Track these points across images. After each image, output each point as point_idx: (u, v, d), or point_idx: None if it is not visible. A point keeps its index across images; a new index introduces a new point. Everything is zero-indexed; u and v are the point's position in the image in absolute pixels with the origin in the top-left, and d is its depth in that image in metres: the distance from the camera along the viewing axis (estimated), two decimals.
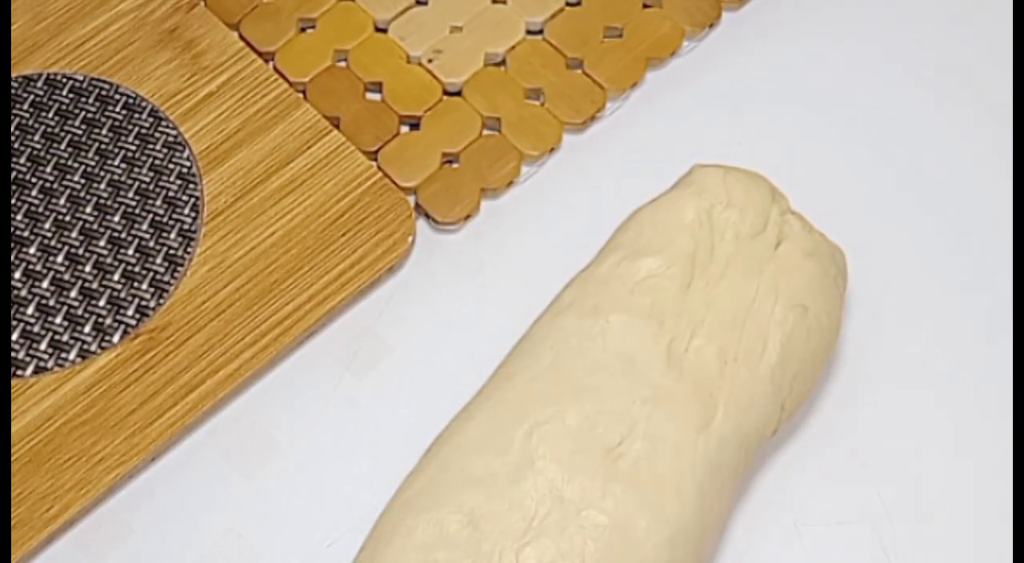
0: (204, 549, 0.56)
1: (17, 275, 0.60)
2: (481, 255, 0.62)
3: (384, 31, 0.67)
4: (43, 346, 0.59)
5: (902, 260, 0.62)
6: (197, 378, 0.58)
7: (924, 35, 0.68)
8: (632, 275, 0.54)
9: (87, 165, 0.63)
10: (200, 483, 0.57)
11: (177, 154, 0.63)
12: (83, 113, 0.64)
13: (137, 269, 0.60)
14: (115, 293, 0.60)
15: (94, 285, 0.60)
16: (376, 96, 0.65)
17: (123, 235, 0.61)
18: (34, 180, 0.62)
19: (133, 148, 0.63)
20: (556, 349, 0.54)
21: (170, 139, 0.63)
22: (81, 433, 0.57)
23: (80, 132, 0.63)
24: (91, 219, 0.61)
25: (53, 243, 0.61)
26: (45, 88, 0.64)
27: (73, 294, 0.60)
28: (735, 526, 0.56)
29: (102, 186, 0.62)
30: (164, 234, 0.61)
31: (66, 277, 0.60)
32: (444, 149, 0.64)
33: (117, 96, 0.64)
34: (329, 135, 0.63)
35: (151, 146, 0.63)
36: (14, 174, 0.62)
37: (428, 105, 0.65)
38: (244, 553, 0.56)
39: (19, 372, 0.58)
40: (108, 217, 0.61)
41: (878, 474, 0.58)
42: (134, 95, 0.64)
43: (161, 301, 0.60)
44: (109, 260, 0.61)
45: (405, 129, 0.65)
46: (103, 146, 0.63)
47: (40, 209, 0.62)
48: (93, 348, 0.59)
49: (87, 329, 0.59)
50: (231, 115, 0.64)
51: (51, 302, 0.60)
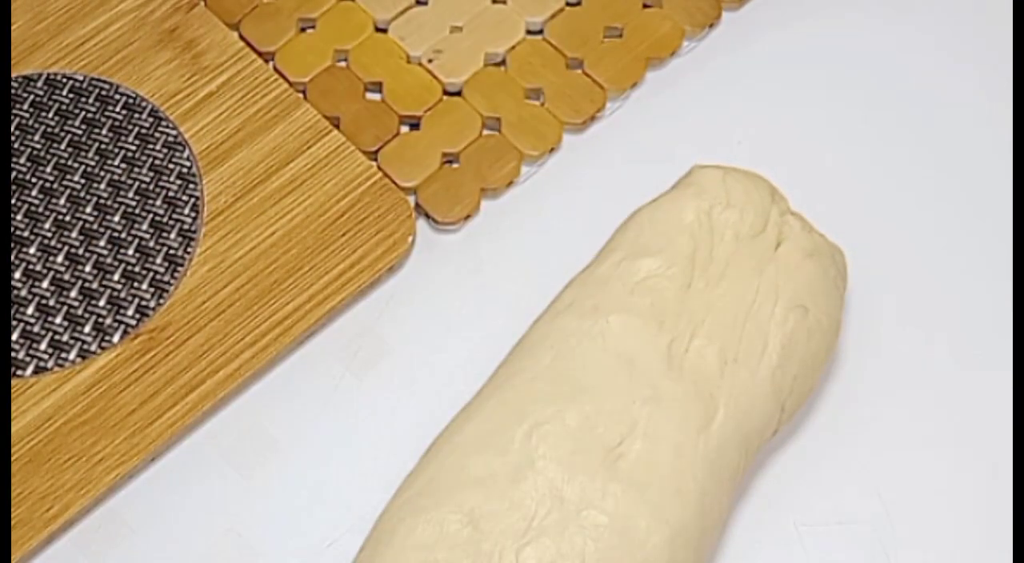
0: (204, 549, 0.56)
1: (17, 275, 0.60)
2: (481, 255, 0.62)
3: (384, 31, 0.67)
4: (43, 346, 0.59)
5: (902, 260, 0.62)
6: (197, 378, 0.58)
7: (924, 36, 0.68)
8: (632, 275, 0.54)
9: (87, 165, 0.63)
10: (200, 483, 0.57)
11: (177, 154, 0.63)
12: (83, 113, 0.64)
13: (137, 269, 0.60)
14: (115, 293, 0.60)
15: (94, 285, 0.60)
16: (376, 96, 0.65)
17: (123, 235, 0.61)
18: (34, 180, 0.62)
19: (133, 148, 0.63)
20: (556, 349, 0.54)
21: (170, 139, 0.63)
22: (81, 433, 0.57)
23: (80, 132, 0.63)
24: (91, 219, 0.61)
25: (53, 243, 0.61)
26: (45, 88, 0.64)
27: (73, 294, 0.60)
28: (735, 526, 0.56)
29: (102, 186, 0.62)
30: (164, 234, 0.61)
31: (66, 277, 0.60)
32: (444, 149, 0.64)
33: (117, 96, 0.64)
34: (329, 135, 0.63)
35: (151, 146, 0.63)
36: (14, 174, 0.62)
37: (428, 105, 0.65)
38: (244, 553, 0.56)
39: (19, 372, 0.58)
40: (108, 217, 0.61)
41: (878, 474, 0.58)
42: (134, 95, 0.64)
43: (161, 301, 0.60)
44: (109, 260, 0.61)
45: (405, 129, 0.65)
46: (103, 146, 0.63)
47: (40, 209, 0.62)
48: (93, 348, 0.59)
49: (87, 329, 0.59)
50: (231, 115, 0.64)
51: (51, 302, 0.60)
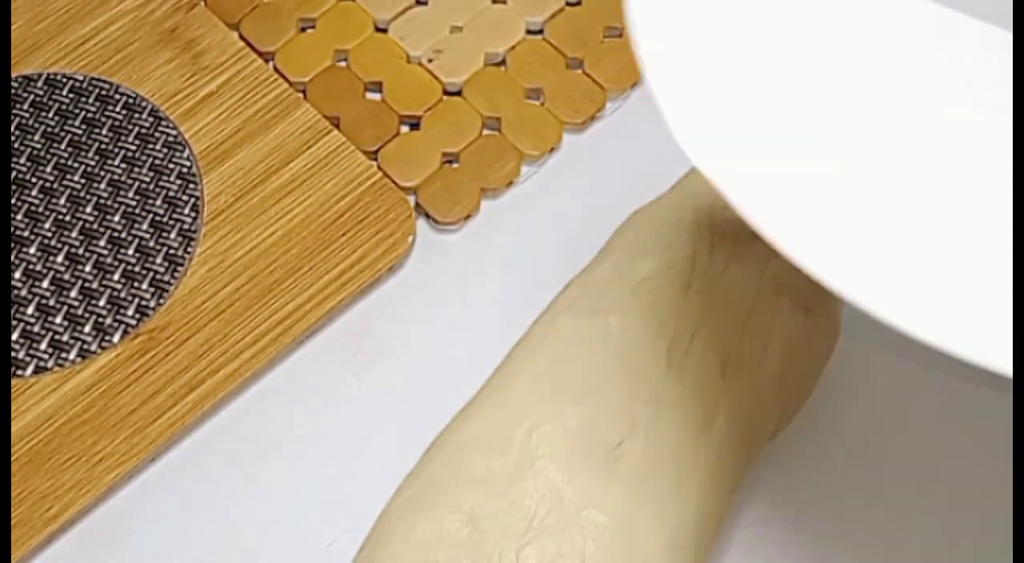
0: (204, 549, 0.56)
1: (17, 275, 0.60)
2: (481, 255, 0.62)
3: (384, 31, 0.67)
4: (43, 346, 0.59)
5: None
6: (197, 378, 0.58)
7: None
8: (632, 276, 0.54)
9: (87, 165, 0.63)
10: (200, 483, 0.57)
11: (177, 154, 0.63)
12: (83, 113, 0.64)
13: (137, 269, 0.60)
14: (115, 293, 0.60)
15: (94, 285, 0.60)
16: (376, 96, 0.65)
17: (123, 235, 0.61)
18: (34, 180, 0.62)
19: (133, 148, 0.63)
20: (555, 350, 0.53)
21: (170, 139, 0.63)
22: (81, 433, 0.57)
23: (80, 132, 0.63)
24: (91, 219, 0.61)
25: (53, 243, 0.61)
26: (45, 88, 0.64)
27: (73, 294, 0.60)
28: (735, 526, 0.56)
29: (102, 186, 0.62)
30: (164, 234, 0.61)
31: (66, 277, 0.60)
32: (444, 149, 0.64)
33: (117, 96, 0.64)
34: (329, 135, 0.63)
35: (151, 146, 0.63)
36: (14, 174, 0.62)
37: (428, 105, 0.65)
38: (244, 553, 0.56)
39: (19, 372, 0.58)
40: (108, 217, 0.61)
41: (878, 474, 0.58)
42: (134, 95, 0.64)
43: (161, 301, 0.60)
44: (109, 260, 0.61)
45: (405, 129, 0.65)
46: (103, 146, 0.63)
47: (40, 209, 0.62)
48: (93, 348, 0.59)
49: (87, 329, 0.59)
50: (231, 115, 0.64)
51: (51, 302, 0.60)
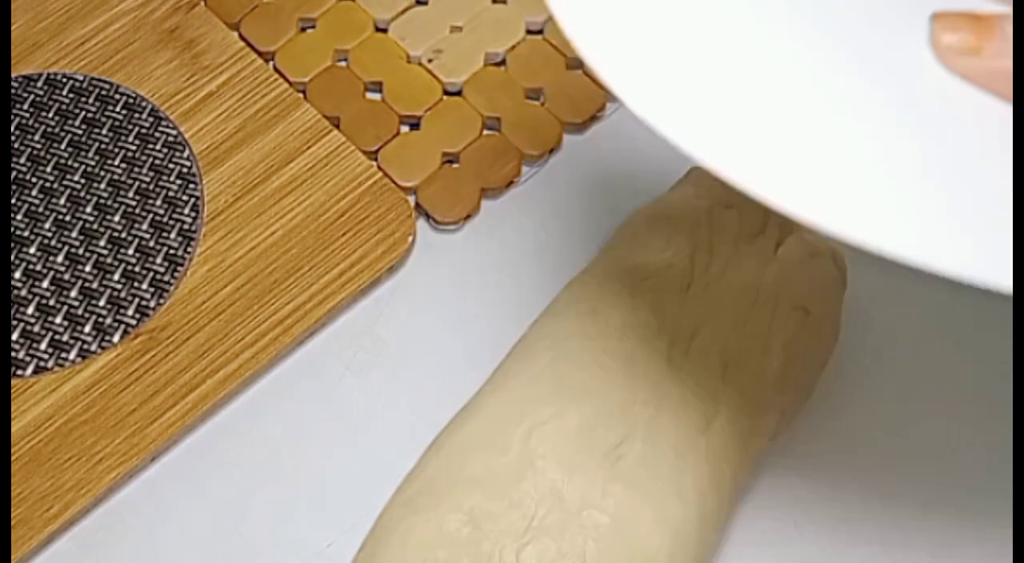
0: (204, 549, 0.56)
1: (17, 275, 0.60)
2: (481, 255, 0.62)
3: (384, 31, 0.67)
4: (43, 346, 0.59)
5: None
6: (197, 378, 0.58)
7: None
8: (631, 276, 0.54)
9: (87, 165, 0.63)
10: (200, 483, 0.57)
11: (177, 154, 0.63)
12: (83, 113, 0.64)
13: (137, 269, 0.60)
14: (115, 293, 0.60)
15: (94, 285, 0.60)
16: (376, 96, 0.65)
17: (123, 235, 0.61)
18: (34, 180, 0.62)
19: (133, 148, 0.63)
20: (555, 350, 0.53)
21: (170, 139, 0.63)
22: (81, 433, 0.57)
23: (80, 132, 0.63)
24: (91, 219, 0.61)
25: (53, 243, 0.61)
26: (45, 88, 0.64)
27: (73, 294, 0.60)
28: (735, 526, 0.56)
29: (102, 186, 0.62)
30: (164, 234, 0.61)
31: (66, 277, 0.60)
32: (444, 149, 0.64)
33: (117, 96, 0.64)
34: (329, 135, 0.63)
35: (151, 146, 0.63)
36: (14, 174, 0.62)
37: (428, 105, 0.65)
38: (244, 553, 0.56)
39: (19, 372, 0.58)
40: (108, 217, 0.61)
41: (878, 474, 0.58)
42: (134, 95, 0.64)
43: (161, 301, 0.60)
44: (109, 260, 0.61)
45: (405, 129, 0.65)
46: (103, 146, 0.63)
47: (40, 209, 0.62)
48: (93, 348, 0.59)
49: (87, 329, 0.59)
50: (231, 115, 0.64)
51: (51, 302, 0.60)
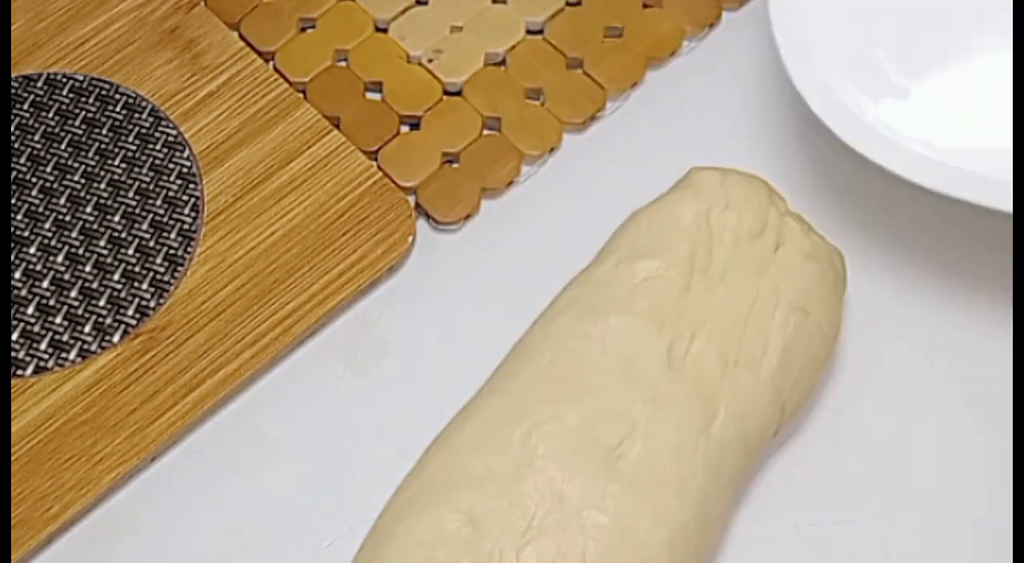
0: (204, 549, 0.56)
1: (17, 275, 0.60)
2: (481, 255, 0.62)
3: (384, 31, 0.67)
4: (43, 346, 0.59)
5: (901, 261, 0.62)
6: (197, 378, 0.58)
7: None
8: (631, 277, 0.54)
9: (87, 165, 0.63)
10: (200, 483, 0.57)
11: (177, 154, 0.63)
12: (83, 113, 0.64)
13: (137, 269, 0.60)
14: (115, 293, 0.60)
15: (94, 285, 0.60)
16: (376, 96, 0.65)
17: (123, 235, 0.61)
18: (34, 180, 0.62)
19: (133, 148, 0.63)
20: (555, 350, 0.53)
21: (170, 139, 0.63)
22: (81, 433, 0.57)
23: (80, 132, 0.63)
24: (91, 219, 0.61)
25: (53, 243, 0.61)
26: (45, 88, 0.64)
27: (73, 294, 0.60)
28: (735, 526, 0.56)
29: (102, 186, 0.62)
30: (164, 234, 0.61)
31: (66, 277, 0.60)
32: (444, 149, 0.64)
33: (117, 96, 0.64)
34: (329, 135, 0.63)
35: (151, 146, 0.63)
36: (14, 174, 0.62)
37: (428, 105, 0.65)
38: (244, 553, 0.56)
39: (19, 372, 0.58)
40: (108, 217, 0.61)
41: (878, 474, 0.58)
42: (134, 95, 0.64)
43: (161, 301, 0.60)
44: (109, 260, 0.61)
45: (405, 129, 0.65)
46: (103, 146, 0.63)
47: (40, 209, 0.62)
48: (93, 348, 0.59)
49: (87, 329, 0.59)
50: (231, 115, 0.64)
51: (51, 302, 0.60)
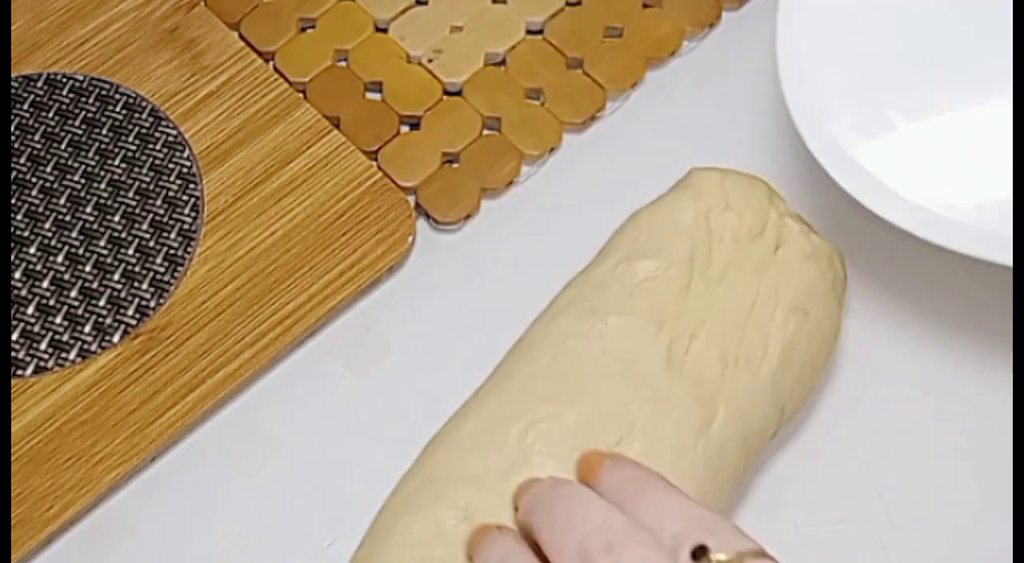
0: (204, 549, 0.56)
1: (17, 275, 0.60)
2: (481, 255, 0.62)
3: (384, 31, 0.67)
4: (43, 346, 0.59)
5: (901, 261, 0.62)
6: (197, 378, 0.58)
7: None
8: (630, 277, 0.54)
9: (87, 165, 0.63)
10: (200, 483, 0.57)
11: (177, 154, 0.63)
12: (83, 113, 0.64)
13: (137, 269, 0.60)
14: (115, 293, 0.60)
15: (94, 285, 0.60)
16: (376, 96, 0.65)
17: (123, 235, 0.61)
18: (34, 180, 0.62)
19: (133, 148, 0.63)
20: (554, 350, 0.53)
21: (170, 139, 0.63)
22: (81, 433, 0.57)
23: (80, 132, 0.63)
24: (91, 219, 0.61)
25: (53, 243, 0.61)
26: (45, 88, 0.64)
27: (73, 294, 0.60)
28: None
29: (102, 186, 0.62)
30: (164, 234, 0.61)
31: (66, 277, 0.60)
32: (444, 149, 0.64)
33: (117, 96, 0.64)
34: (329, 135, 0.63)
35: (151, 146, 0.63)
36: (14, 174, 0.62)
37: (428, 105, 0.65)
38: (244, 553, 0.56)
39: (19, 372, 0.58)
40: (108, 217, 0.61)
41: (878, 474, 0.58)
42: (134, 95, 0.64)
43: (161, 301, 0.60)
44: (109, 260, 0.61)
45: (405, 129, 0.65)
46: (103, 146, 0.63)
47: (40, 209, 0.62)
48: (93, 348, 0.59)
49: (87, 329, 0.59)
50: (231, 115, 0.64)
51: (51, 302, 0.60)
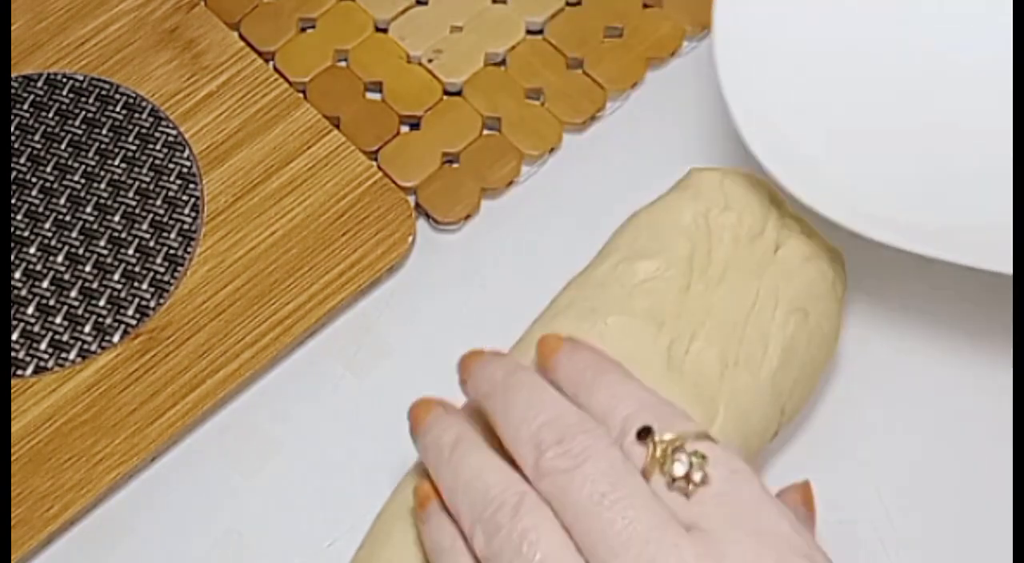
0: (204, 549, 0.56)
1: (17, 275, 0.60)
2: (481, 255, 0.62)
3: (384, 31, 0.67)
4: (43, 346, 0.59)
5: (901, 262, 0.62)
6: (197, 378, 0.58)
7: None
8: (630, 277, 0.54)
9: (87, 165, 0.63)
10: (200, 483, 0.57)
11: (177, 154, 0.63)
12: (83, 113, 0.64)
13: (137, 269, 0.60)
14: (115, 293, 0.60)
15: (94, 285, 0.60)
16: (376, 96, 0.65)
17: (123, 235, 0.61)
18: (34, 180, 0.62)
19: (133, 148, 0.63)
20: None
21: (170, 139, 0.63)
22: (81, 433, 0.57)
23: (80, 132, 0.63)
24: (91, 219, 0.61)
25: (53, 243, 0.61)
26: (45, 88, 0.64)
27: (73, 294, 0.60)
28: None
29: (102, 186, 0.62)
30: (164, 234, 0.61)
31: (66, 277, 0.60)
32: (444, 149, 0.64)
33: (117, 96, 0.64)
34: (329, 135, 0.63)
35: (151, 146, 0.63)
36: (14, 174, 0.62)
37: (428, 105, 0.65)
38: (244, 553, 0.56)
39: (19, 372, 0.58)
40: (108, 217, 0.61)
41: (878, 474, 0.58)
42: (134, 95, 0.64)
43: (161, 301, 0.60)
44: (109, 260, 0.61)
45: (405, 129, 0.65)
46: (103, 146, 0.63)
47: (40, 209, 0.62)
48: (93, 348, 0.59)
49: (87, 329, 0.59)
50: (231, 115, 0.64)
51: (51, 302, 0.60)
